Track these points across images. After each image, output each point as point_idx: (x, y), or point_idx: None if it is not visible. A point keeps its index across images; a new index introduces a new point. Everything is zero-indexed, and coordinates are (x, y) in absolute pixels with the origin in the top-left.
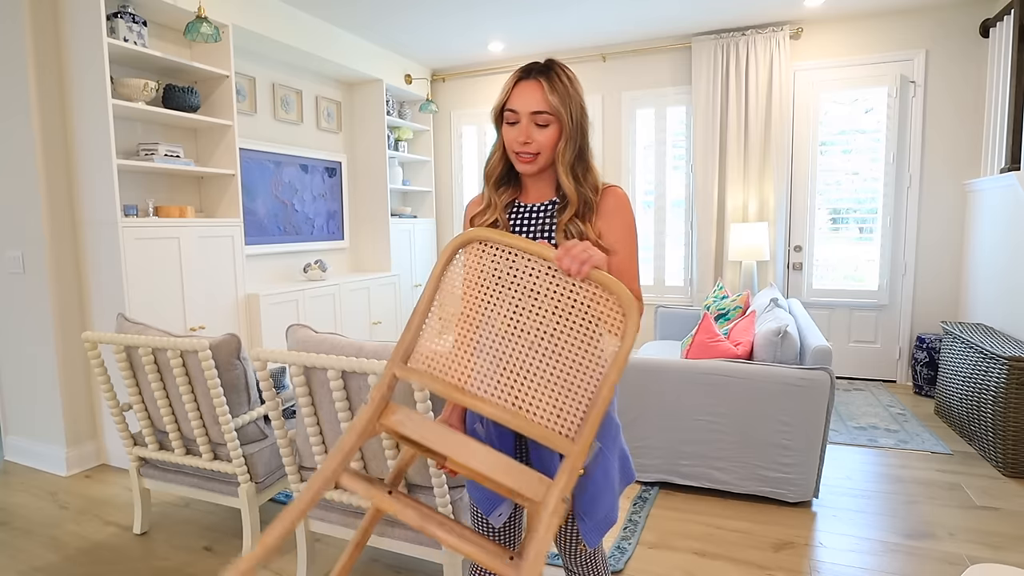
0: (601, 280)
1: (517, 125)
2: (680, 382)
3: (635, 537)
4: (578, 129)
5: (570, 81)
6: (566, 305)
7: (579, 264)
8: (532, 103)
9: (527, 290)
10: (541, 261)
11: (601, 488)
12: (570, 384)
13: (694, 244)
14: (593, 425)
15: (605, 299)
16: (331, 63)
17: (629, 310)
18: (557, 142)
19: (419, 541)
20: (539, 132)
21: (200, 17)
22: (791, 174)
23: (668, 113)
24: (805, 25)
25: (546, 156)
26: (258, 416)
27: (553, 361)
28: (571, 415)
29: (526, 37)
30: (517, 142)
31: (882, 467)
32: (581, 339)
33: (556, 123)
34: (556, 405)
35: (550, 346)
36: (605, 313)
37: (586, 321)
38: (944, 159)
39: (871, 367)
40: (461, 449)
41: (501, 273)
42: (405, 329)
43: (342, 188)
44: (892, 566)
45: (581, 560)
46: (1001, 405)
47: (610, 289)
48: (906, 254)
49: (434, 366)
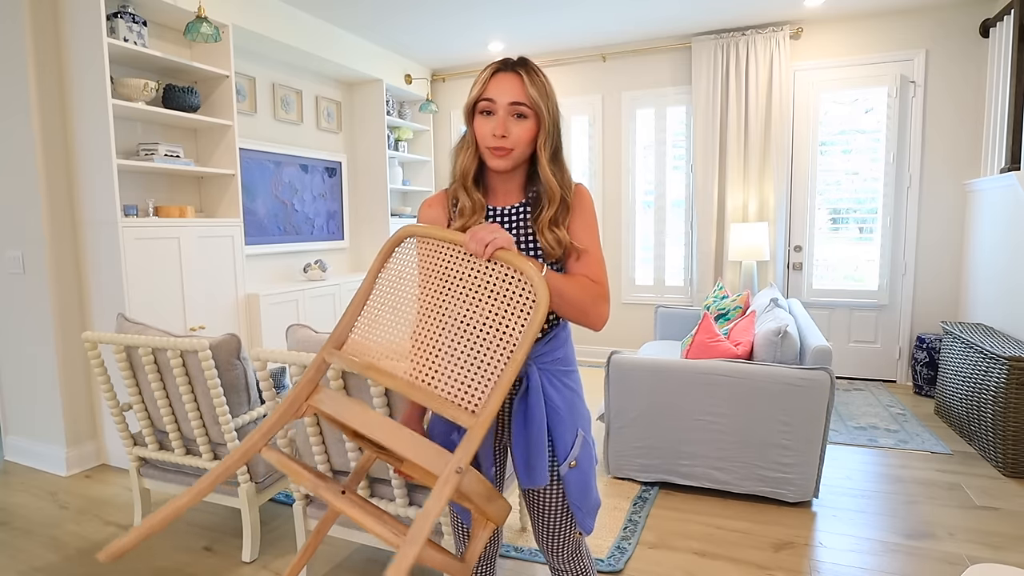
0: (508, 260)
1: (493, 117)
2: (680, 382)
3: (635, 537)
4: (555, 126)
5: (547, 80)
6: (481, 286)
7: (483, 245)
8: (511, 94)
9: (450, 276)
10: (458, 248)
11: (588, 476)
12: (480, 361)
13: (694, 244)
14: (496, 401)
15: (515, 278)
16: (331, 63)
17: (538, 288)
18: (533, 138)
19: None
20: (516, 125)
21: (200, 17)
22: (791, 174)
23: (668, 113)
24: (805, 25)
25: (519, 152)
26: (258, 416)
27: (467, 340)
28: (477, 390)
29: (526, 37)
30: (493, 135)
31: (882, 467)
32: (493, 318)
33: (534, 117)
34: (464, 381)
35: (466, 326)
36: (515, 292)
37: (498, 301)
38: (944, 159)
39: (871, 367)
40: (370, 424)
41: (432, 263)
42: (339, 319)
43: (342, 188)
44: (892, 566)
45: (565, 557)
46: (1001, 405)
47: (518, 268)
48: (906, 254)
49: (355, 350)
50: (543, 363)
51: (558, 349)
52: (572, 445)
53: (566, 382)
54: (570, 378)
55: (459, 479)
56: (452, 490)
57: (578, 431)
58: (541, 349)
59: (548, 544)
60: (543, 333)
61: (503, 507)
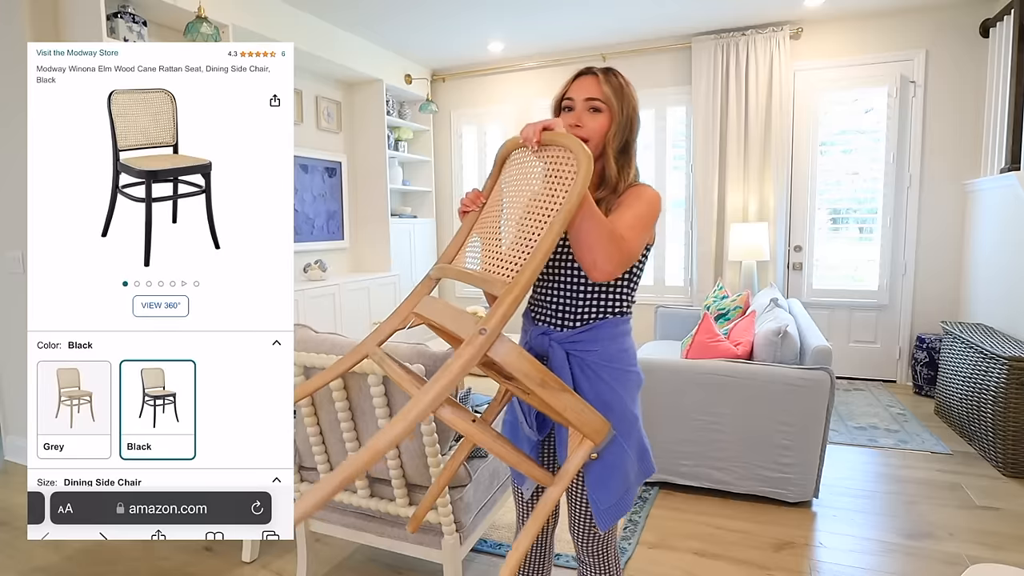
0: (554, 139)
1: (572, 112)
2: (680, 382)
3: (635, 537)
4: (628, 122)
5: (626, 82)
6: (536, 172)
7: (534, 130)
8: (586, 91)
9: (520, 175)
10: (520, 147)
11: (610, 473)
12: (527, 237)
13: (694, 244)
14: (532, 269)
15: (563, 157)
16: (331, 63)
17: (580, 159)
18: (606, 132)
19: (419, 541)
20: (591, 117)
21: (200, 17)
22: (791, 174)
23: (668, 113)
24: (805, 25)
25: (595, 144)
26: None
27: (523, 223)
28: (515, 263)
29: (526, 37)
30: (569, 126)
31: (882, 467)
32: (543, 197)
33: (607, 112)
34: (507, 257)
35: (524, 211)
36: (563, 169)
37: (549, 181)
38: (944, 159)
39: (871, 367)
40: (433, 310)
41: (510, 172)
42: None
43: (342, 188)
44: (892, 566)
45: (592, 550)
46: (1001, 405)
47: (564, 145)
48: (906, 254)
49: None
50: (575, 350)
51: (598, 342)
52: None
53: (603, 376)
54: (610, 374)
55: (485, 340)
56: (476, 352)
57: (609, 430)
58: (574, 337)
59: (572, 528)
60: (581, 322)
61: (590, 419)
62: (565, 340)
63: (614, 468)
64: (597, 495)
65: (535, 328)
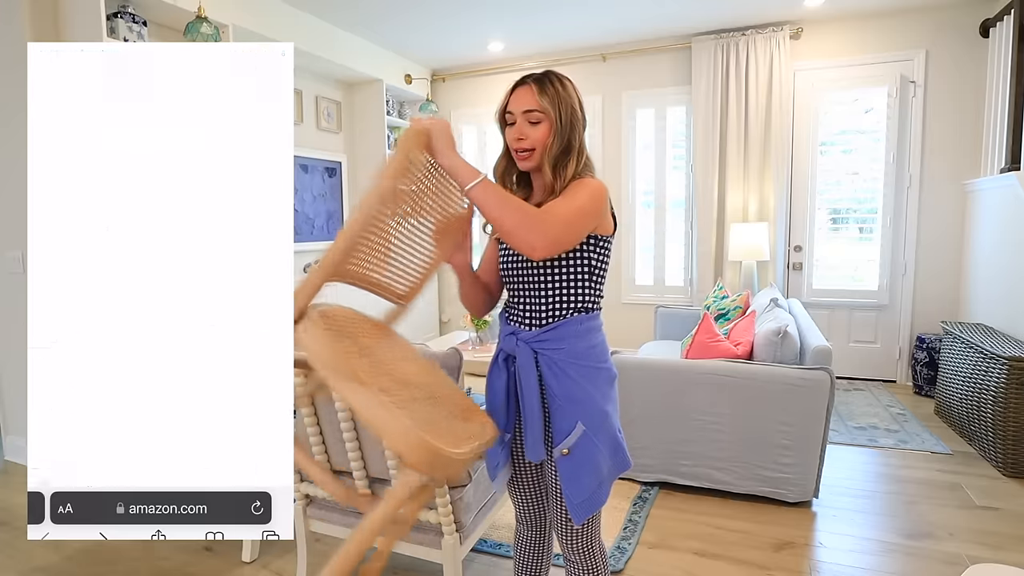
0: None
1: (514, 125)
2: (680, 382)
3: (635, 537)
4: (567, 126)
5: (562, 85)
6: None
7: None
8: (523, 103)
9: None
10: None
11: (581, 468)
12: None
13: (694, 244)
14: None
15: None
16: (331, 63)
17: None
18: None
19: (419, 541)
20: (532, 129)
21: (200, 17)
22: (791, 174)
23: (668, 113)
24: (805, 25)
25: (540, 152)
26: None
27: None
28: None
29: (526, 37)
30: (514, 140)
31: (882, 467)
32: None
33: (547, 120)
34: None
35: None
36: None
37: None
38: (944, 159)
39: (871, 367)
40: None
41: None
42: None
43: (342, 188)
44: (892, 566)
45: (575, 547)
46: (1001, 405)
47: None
48: (906, 254)
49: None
50: (542, 348)
51: (564, 340)
52: (568, 434)
53: (571, 373)
54: (578, 371)
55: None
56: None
57: (577, 423)
58: (541, 336)
59: (553, 526)
60: (546, 321)
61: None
62: (532, 339)
63: (585, 463)
64: (569, 490)
65: (505, 328)
